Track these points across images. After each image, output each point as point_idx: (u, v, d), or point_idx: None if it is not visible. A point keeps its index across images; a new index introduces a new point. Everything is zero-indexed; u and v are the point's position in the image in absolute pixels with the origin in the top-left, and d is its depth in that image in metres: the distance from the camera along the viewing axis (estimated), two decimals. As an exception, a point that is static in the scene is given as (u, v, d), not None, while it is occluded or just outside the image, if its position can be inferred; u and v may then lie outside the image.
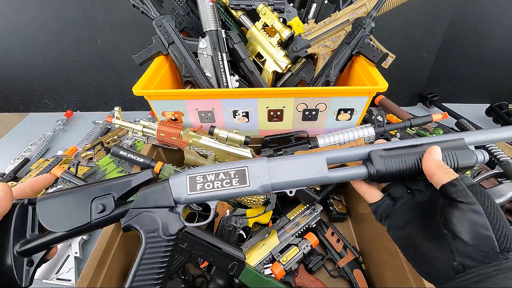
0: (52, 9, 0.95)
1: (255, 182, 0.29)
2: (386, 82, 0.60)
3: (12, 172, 0.85)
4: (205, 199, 0.31)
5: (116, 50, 1.04)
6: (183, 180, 0.31)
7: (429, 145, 0.29)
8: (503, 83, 1.12)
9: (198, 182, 0.30)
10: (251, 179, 0.30)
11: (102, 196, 0.31)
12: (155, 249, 0.30)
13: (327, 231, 0.68)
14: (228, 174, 0.30)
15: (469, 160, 0.28)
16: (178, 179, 0.31)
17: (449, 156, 0.28)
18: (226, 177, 0.30)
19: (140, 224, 0.31)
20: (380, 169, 0.28)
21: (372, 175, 0.29)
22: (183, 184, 0.31)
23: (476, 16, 0.96)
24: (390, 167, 0.28)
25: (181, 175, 0.31)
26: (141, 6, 0.69)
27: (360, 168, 0.30)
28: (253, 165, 0.30)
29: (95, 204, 0.30)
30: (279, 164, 0.30)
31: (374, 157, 0.29)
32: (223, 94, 0.65)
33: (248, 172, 0.30)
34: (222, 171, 0.30)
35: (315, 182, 0.30)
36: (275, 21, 0.74)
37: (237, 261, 0.53)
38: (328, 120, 0.69)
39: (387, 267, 0.55)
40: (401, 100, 1.15)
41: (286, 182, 0.29)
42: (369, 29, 0.68)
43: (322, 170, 0.29)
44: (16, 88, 1.18)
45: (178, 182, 0.31)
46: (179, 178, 0.31)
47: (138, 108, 1.21)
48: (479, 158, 0.29)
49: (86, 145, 0.94)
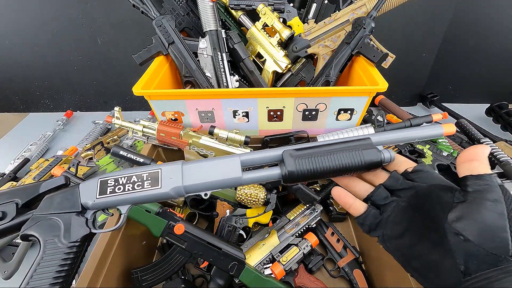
0: (52, 9, 0.95)
1: (168, 184, 0.29)
2: (386, 82, 0.60)
3: (12, 172, 0.85)
4: (115, 203, 0.29)
5: (116, 50, 1.04)
6: (93, 184, 0.30)
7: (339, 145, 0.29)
8: (503, 83, 1.12)
9: (109, 185, 0.29)
10: (163, 181, 0.29)
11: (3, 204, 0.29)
12: (52, 255, 0.28)
13: (327, 231, 0.68)
14: (141, 177, 0.29)
15: (375, 158, 0.29)
16: (89, 182, 0.30)
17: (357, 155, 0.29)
18: (138, 180, 0.29)
19: (39, 231, 0.29)
20: (291, 169, 0.28)
21: (285, 175, 0.29)
22: (93, 188, 0.29)
23: (476, 16, 0.96)
24: (302, 166, 0.28)
25: (92, 180, 0.30)
26: (141, 6, 0.69)
27: (274, 169, 0.30)
28: (167, 168, 0.30)
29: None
30: (193, 166, 0.30)
31: (285, 157, 0.29)
32: (223, 94, 0.65)
33: (161, 175, 0.29)
34: (135, 174, 0.30)
35: (229, 184, 0.30)
36: (275, 21, 0.74)
37: (237, 261, 0.53)
38: (328, 120, 0.69)
39: (387, 267, 0.55)
40: (401, 100, 1.15)
41: (199, 184, 0.29)
42: (369, 29, 0.68)
43: (236, 172, 0.29)
44: (16, 88, 1.18)
45: (89, 186, 0.30)
46: (90, 182, 0.30)
47: (138, 108, 1.21)
48: (386, 156, 0.30)
49: (86, 145, 0.94)
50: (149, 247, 0.67)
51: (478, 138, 0.85)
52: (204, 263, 0.56)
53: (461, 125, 0.93)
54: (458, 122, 0.95)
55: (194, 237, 0.54)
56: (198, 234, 0.54)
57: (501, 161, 0.74)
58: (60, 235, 0.29)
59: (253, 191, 0.62)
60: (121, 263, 0.54)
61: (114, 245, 0.52)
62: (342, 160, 0.28)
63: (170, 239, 0.54)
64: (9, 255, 0.65)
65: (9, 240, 0.66)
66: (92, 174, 0.75)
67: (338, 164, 0.28)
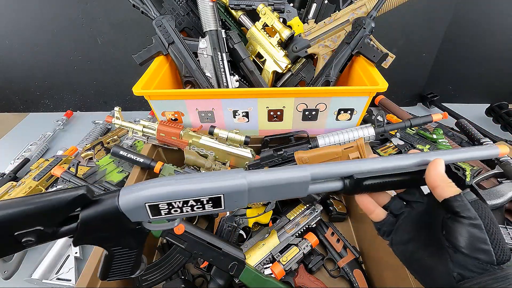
0: (52, 9, 0.95)
1: (231, 206, 0.27)
2: (386, 82, 0.60)
3: (12, 172, 0.85)
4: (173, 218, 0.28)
5: (116, 50, 1.04)
6: (140, 207, 0.25)
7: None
8: (503, 83, 1.12)
9: (162, 209, 0.25)
10: (226, 203, 0.26)
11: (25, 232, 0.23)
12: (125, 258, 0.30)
13: (327, 231, 0.68)
14: (200, 202, 0.26)
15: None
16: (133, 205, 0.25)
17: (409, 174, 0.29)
18: (198, 203, 0.26)
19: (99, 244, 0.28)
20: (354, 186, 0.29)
21: (346, 185, 0.29)
22: (143, 211, 0.25)
23: (476, 16, 0.96)
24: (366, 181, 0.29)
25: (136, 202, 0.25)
26: (141, 6, 0.69)
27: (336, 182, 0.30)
28: (230, 193, 0.26)
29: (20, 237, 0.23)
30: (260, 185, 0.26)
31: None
32: (223, 94, 0.65)
33: (224, 199, 0.26)
34: (192, 199, 0.25)
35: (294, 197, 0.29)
36: (275, 21, 0.74)
37: (237, 261, 0.53)
38: (328, 120, 0.69)
39: (387, 267, 0.55)
40: (401, 100, 1.15)
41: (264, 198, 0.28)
42: (369, 29, 0.68)
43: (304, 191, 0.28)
44: (16, 88, 1.18)
45: (134, 209, 0.25)
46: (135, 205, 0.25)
47: (138, 108, 1.21)
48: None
49: (86, 145, 0.94)
50: (149, 247, 0.67)
51: (478, 138, 0.85)
52: (204, 263, 0.56)
53: (461, 125, 0.93)
54: (458, 122, 0.95)
55: (194, 237, 0.54)
56: (198, 234, 0.54)
57: (501, 161, 0.74)
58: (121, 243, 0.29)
59: (253, 191, 0.62)
60: (121, 263, 0.53)
61: (114, 245, 0.52)
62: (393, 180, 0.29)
63: (170, 239, 0.54)
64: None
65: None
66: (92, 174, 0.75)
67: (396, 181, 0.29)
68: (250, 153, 0.67)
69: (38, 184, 0.79)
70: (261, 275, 0.54)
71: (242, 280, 0.53)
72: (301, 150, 0.64)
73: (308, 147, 0.66)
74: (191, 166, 0.66)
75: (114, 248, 0.29)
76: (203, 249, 0.53)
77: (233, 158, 0.67)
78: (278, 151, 0.66)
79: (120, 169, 0.79)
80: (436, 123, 0.88)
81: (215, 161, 0.65)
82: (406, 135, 0.88)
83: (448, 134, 0.90)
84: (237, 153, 0.66)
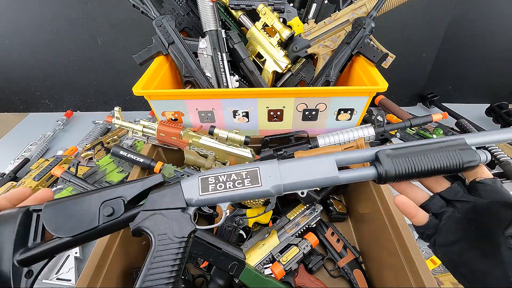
0: (52, 9, 0.95)
1: (267, 183, 0.30)
2: (386, 82, 0.60)
3: (12, 172, 0.85)
4: (217, 200, 0.30)
5: (116, 50, 1.04)
6: (195, 182, 0.31)
7: (435, 145, 0.29)
8: (503, 83, 1.12)
9: (210, 183, 0.30)
10: (262, 179, 0.30)
11: (111, 200, 0.30)
12: (166, 250, 0.29)
13: (327, 231, 0.68)
14: (240, 175, 0.30)
15: (472, 159, 0.28)
16: (189, 181, 0.31)
17: (454, 155, 0.28)
18: (238, 178, 0.30)
19: (150, 226, 0.30)
20: (389, 169, 0.28)
21: (381, 174, 0.29)
22: (195, 185, 0.31)
23: (476, 16, 0.96)
24: (399, 166, 0.28)
25: (192, 177, 0.31)
26: (141, 6, 0.69)
27: (369, 169, 0.30)
28: (264, 166, 0.30)
29: (104, 208, 0.30)
30: (289, 166, 0.30)
31: (381, 157, 0.29)
32: (223, 94, 0.65)
33: (259, 173, 0.30)
34: (234, 172, 0.31)
35: (326, 183, 0.30)
36: (275, 21, 0.74)
37: (237, 261, 0.53)
38: (328, 120, 0.69)
39: (387, 267, 0.55)
40: (401, 100, 1.15)
41: (298, 182, 0.30)
42: (369, 29, 0.68)
43: (332, 171, 0.30)
44: (16, 88, 1.18)
45: (190, 183, 0.31)
46: (191, 179, 0.31)
47: (138, 108, 1.21)
48: (482, 158, 0.29)
49: (86, 145, 0.94)
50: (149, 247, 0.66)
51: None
52: (204, 263, 0.56)
53: (461, 125, 0.93)
54: (458, 122, 0.95)
55: (194, 237, 0.54)
56: (198, 234, 0.54)
57: (501, 161, 0.74)
58: (170, 230, 0.30)
59: (253, 191, 0.62)
60: (121, 263, 0.54)
61: (114, 245, 0.52)
62: (440, 160, 0.28)
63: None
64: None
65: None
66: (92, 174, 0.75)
67: (435, 164, 0.28)
68: (250, 153, 0.67)
69: (38, 184, 0.79)
70: (261, 275, 0.54)
71: (242, 280, 0.53)
72: (301, 150, 0.64)
73: (308, 147, 0.66)
74: (191, 166, 0.66)
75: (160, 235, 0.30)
76: (203, 249, 0.53)
77: (233, 158, 0.67)
78: (278, 151, 0.66)
79: (120, 169, 0.79)
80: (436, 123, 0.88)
81: (215, 161, 0.65)
82: (406, 135, 0.88)
83: (448, 134, 0.90)
84: (237, 153, 0.66)
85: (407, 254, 0.47)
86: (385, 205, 0.55)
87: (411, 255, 0.46)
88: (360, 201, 0.69)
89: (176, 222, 0.30)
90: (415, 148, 0.29)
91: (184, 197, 0.30)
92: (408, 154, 0.29)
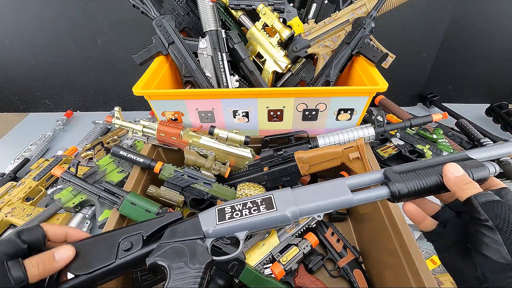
0: (52, 9, 0.95)
1: (283, 207, 0.30)
2: (386, 82, 0.60)
3: (12, 172, 0.85)
4: (234, 229, 0.31)
5: (116, 50, 1.04)
6: (212, 213, 0.32)
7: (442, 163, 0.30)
8: (503, 83, 1.12)
9: (227, 212, 0.31)
10: (278, 204, 0.31)
11: (130, 236, 0.31)
12: (182, 281, 0.28)
13: (327, 231, 0.68)
14: (255, 202, 0.31)
15: (483, 175, 0.29)
16: (207, 213, 0.32)
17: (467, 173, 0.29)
18: (254, 205, 0.31)
19: (166, 258, 0.29)
20: (401, 188, 0.29)
21: (394, 193, 0.29)
22: (212, 216, 0.31)
23: (476, 16, 0.96)
24: (410, 182, 0.29)
25: (210, 210, 0.32)
26: (141, 6, 0.69)
27: (381, 189, 0.30)
28: (278, 193, 0.32)
29: (123, 243, 0.30)
30: (304, 191, 0.31)
31: (390, 175, 0.30)
32: (223, 94, 0.65)
33: (274, 199, 0.31)
34: (249, 200, 0.32)
35: (341, 205, 0.31)
36: (275, 21, 0.74)
37: (237, 261, 0.53)
38: (328, 120, 0.69)
39: (387, 267, 0.55)
40: (401, 100, 1.15)
41: (314, 206, 0.30)
42: (369, 29, 0.68)
43: (346, 194, 0.30)
44: (16, 88, 1.18)
45: (207, 215, 0.32)
46: (209, 211, 0.32)
47: (138, 108, 1.21)
48: (491, 170, 0.30)
49: (86, 145, 0.94)
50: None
51: (478, 138, 0.85)
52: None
53: (461, 125, 0.93)
54: (458, 122, 0.95)
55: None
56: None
57: (501, 161, 0.74)
58: (187, 260, 0.29)
59: (253, 191, 0.62)
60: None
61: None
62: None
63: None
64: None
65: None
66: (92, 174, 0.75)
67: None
68: (250, 153, 0.67)
69: (38, 184, 0.79)
70: (261, 275, 0.54)
71: (242, 280, 0.53)
72: (301, 150, 0.64)
73: (308, 147, 0.66)
74: (191, 166, 0.66)
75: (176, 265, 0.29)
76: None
77: (233, 158, 0.67)
78: (278, 151, 0.66)
79: (120, 169, 0.79)
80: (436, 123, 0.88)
81: (215, 161, 0.65)
82: (406, 135, 0.88)
83: (448, 134, 0.90)
84: (237, 153, 0.66)
85: (407, 254, 0.47)
86: (385, 205, 0.55)
87: (411, 255, 0.46)
88: (360, 201, 0.69)
89: (193, 253, 0.30)
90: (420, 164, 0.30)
91: (201, 228, 0.31)
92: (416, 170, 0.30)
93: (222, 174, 0.65)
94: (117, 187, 0.59)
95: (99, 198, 0.60)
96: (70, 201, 0.71)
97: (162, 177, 0.64)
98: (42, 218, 0.69)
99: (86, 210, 0.75)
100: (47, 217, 0.70)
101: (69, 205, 0.71)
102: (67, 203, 0.71)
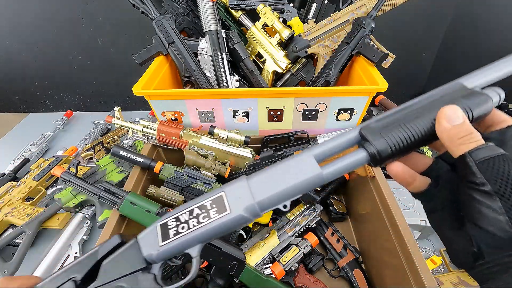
0: (52, 9, 0.96)
1: (237, 206, 0.24)
2: (386, 82, 0.60)
3: (12, 172, 0.85)
4: (184, 246, 0.25)
5: (116, 50, 1.04)
6: (153, 232, 0.25)
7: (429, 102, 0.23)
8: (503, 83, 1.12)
9: (170, 226, 0.25)
10: (231, 203, 0.24)
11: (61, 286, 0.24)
12: None
13: (327, 231, 0.68)
14: (204, 207, 0.25)
15: (485, 105, 0.22)
16: (147, 232, 0.26)
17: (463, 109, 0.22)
18: (202, 211, 0.25)
19: None
20: (382, 147, 0.22)
21: (374, 155, 0.22)
22: (154, 235, 0.25)
23: (477, 15, 0.96)
24: (393, 138, 0.22)
25: (150, 227, 0.26)
26: (141, 6, 0.69)
27: (358, 153, 0.24)
28: (230, 188, 0.25)
29: None
30: (261, 178, 0.24)
31: (367, 134, 0.23)
32: (223, 94, 0.65)
33: (226, 197, 0.25)
34: (196, 205, 0.25)
35: (309, 185, 0.24)
36: (275, 21, 0.74)
37: (237, 261, 0.53)
38: (328, 120, 0.69)
39: (387, 267, 0.55)
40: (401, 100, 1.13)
41: (275, 195, 0.24)
42: (369, 29, 0.68)
43: (314, 170, 0.23)
44: (16, 88, 1.19)
45: (148, 235, 0.25)
46: (148, 230, 0.26)
47: (138, 108, 1.21)
48: (495, 99, 0.23)
49: (86, 145, 0.94)
50: None
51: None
52: (204, 263, 0.56)
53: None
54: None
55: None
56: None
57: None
58: None
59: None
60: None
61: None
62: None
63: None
64: (9, 255, 0.65)
65: (9, 240, 0.66)
66: (92, 174, 0.75)
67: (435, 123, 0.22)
68: (250, 153, 0.67)
69: (38, 184, 0.79)
70: (261, 275, 0.54)
71: (242, 280, 0.53)
72: (301, 150, 0.64)
73: (308, 147, 0.66)
74: (191, 166, 0.66)
75: None
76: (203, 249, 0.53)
77: (233, 158, 0.67)
78: (278, 151, 0.66)
79: (120, 169, 0.79)
80: None
81: (215, 161, 0.65)
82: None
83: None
84: (237, 153, 0.66)
85: (407, 254, 0.47)
86: (385, 205, 0.55)
87: (411, 255, 0.46)
88: (360, 201, 0.69)
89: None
90: (405, 112, 0.23)
91: (142, 254, 0.25)
92: (398, 121, 0.23)
93: (222, 174, 0.65)
94: (117, 187, 0.59)
95: (99, 198, 0.60)
96: (70, 201, 0.71)
97: (162, 177, 0.64)
98: (42, 218, 0.69)
99: (86, 210, 0.75)
100: (47, 217, 0.70)
101: (69, 205, 0.71)
102: (67, 203, 0.71)
